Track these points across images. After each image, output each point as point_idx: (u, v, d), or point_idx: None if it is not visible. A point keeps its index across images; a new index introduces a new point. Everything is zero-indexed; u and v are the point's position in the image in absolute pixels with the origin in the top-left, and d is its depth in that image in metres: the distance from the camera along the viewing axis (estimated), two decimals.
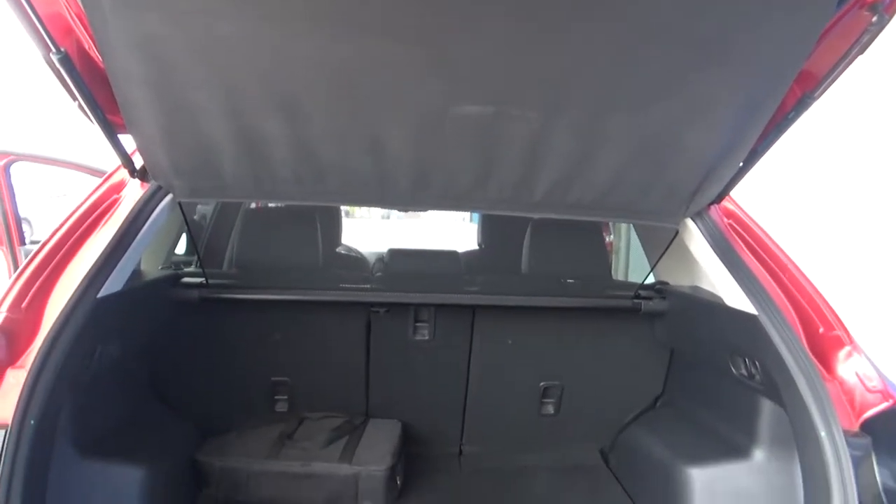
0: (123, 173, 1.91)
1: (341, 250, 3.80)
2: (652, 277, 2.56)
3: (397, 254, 2.80)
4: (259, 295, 2.32)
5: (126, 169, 1.83)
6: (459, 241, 3.47)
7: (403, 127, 1.64)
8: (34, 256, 1.67)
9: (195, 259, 2.72)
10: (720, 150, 1.74)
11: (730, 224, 2.06)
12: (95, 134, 1.70)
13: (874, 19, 1.44)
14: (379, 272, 2.93)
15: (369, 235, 6.75)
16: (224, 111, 1.59)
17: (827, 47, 1.53)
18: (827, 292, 1.85)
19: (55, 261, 1.67)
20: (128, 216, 1.74)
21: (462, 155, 1.73)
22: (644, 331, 2.49)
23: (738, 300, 1.81)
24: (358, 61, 1.46)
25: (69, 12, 1.51)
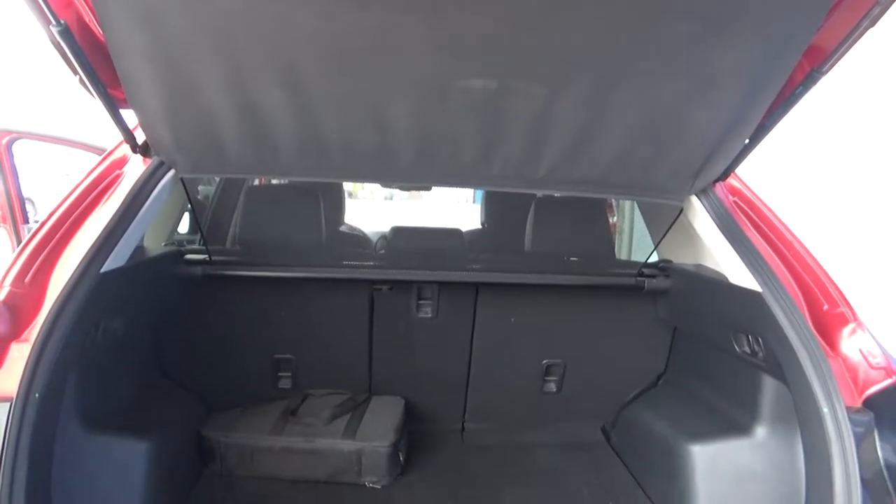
0: (125, 149, 1.90)
1: (344, 229, 3.80)
2: (655, 255, 2.55)
3: (401, 231, 2.79)
4: (262, 272, 2.32)
5: (128, 144, 1.83)
6: (462, 222, 3.45)
7: (407, 100, 1.62)
8: (37, 231, 1.67)
9: (198, 236, 2.72)
10: (727, 126, 1.72)
11: (735, 201, 2.04)
12: (97, 110, 1.69)
13: None
14: (382, 250, 2.92)
15: (372, 216, 6.72)
16: (226, 85, 1.57)
17: (836, 20, 1.50)
18: (832, 271, 1.84)
19: (58, 236, 1.67)
20: (130, 191, 1.73)
21: (466, 130, 1.72)
22: (647, 309, 2.49)
23: (743, 277, 1.80)
24: (361, 33, 1.43)
25: None
